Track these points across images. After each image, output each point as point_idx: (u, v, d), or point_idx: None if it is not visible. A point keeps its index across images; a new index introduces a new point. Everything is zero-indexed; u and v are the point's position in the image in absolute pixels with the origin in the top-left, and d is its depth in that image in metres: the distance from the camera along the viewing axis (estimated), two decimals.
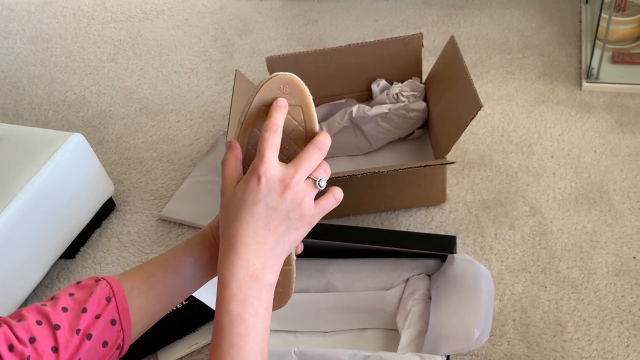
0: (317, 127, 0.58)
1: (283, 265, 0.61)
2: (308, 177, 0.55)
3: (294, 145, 0.57)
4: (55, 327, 0.54)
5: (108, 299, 0.58)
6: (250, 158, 0.55)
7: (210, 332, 1.03)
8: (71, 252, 1.21)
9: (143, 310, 0.60)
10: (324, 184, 0.55)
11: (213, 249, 0.63)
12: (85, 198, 1.20)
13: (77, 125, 1.56)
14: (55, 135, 1.16)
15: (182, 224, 1.24)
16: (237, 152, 0.56)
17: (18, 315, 0.55)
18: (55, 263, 1.19)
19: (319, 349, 0.85)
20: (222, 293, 0.52)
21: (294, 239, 0.55)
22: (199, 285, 0.65)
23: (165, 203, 1.29)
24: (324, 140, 0.56)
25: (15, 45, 1.93)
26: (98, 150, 1.46)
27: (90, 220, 1.23)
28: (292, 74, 0.56)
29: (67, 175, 1.14)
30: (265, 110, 0.55)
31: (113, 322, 0.58)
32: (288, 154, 0.57)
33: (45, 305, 0.56)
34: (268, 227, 0.53)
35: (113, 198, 1.31)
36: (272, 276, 0.54)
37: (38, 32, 1.98)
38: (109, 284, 0.59)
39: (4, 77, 1.79)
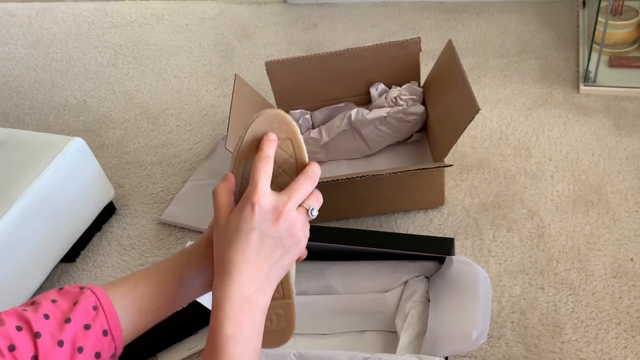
0: (306, 158, 0.61)
1: (283, 299, 0.62)
2: (300, 206, 0.57)
3: (286, 177, 0.60)
4: (36, 335, 0.52)
5: (95, 308, 0.57)
6: (244, 190, 0.57)
7: None
8: (72, 255, 1.22)
9: (126, 321, 0.59)
10: (315, 213, 0.58)
11: (200, 267, 0.63)
12: (85, 202, 1.20)
13: (78, 129, 1.57)
14: (56, 140, 1.17)
15: (182, 228, 1.25)
16: (230, 183, 0.59)
17: None
18: (56, 267, 1.20)
19: (318, 351, 0.85)
20: (216, 315, 0.54)
21: (287, 263, 0.57)
22: (181, 305, 0.64)
23: (165, 207, 1.30)
24: (315, 170, 0.58)
25: (17, 51, 1.94)
26: (98, 154, 1.47)
27: (91, 224, 1.24)
28: (280, 110, 0.60)
29: (67, 179, 1.15)
30: (257, 144, 0.59)
31: (105, 333, 0.57)
32: (280, 185, 0.59)
33: (25, 310, 0.54)
34: (263, 254, 0.55)
35: (113, 202, 1.31)
36: (264, 301, 0.56)
37: (39, 37, 1.99)
38: (94, 293, 0.58)
39: (5, 82, 1.80)
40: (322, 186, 1.06)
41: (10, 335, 0.52)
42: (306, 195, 0.57)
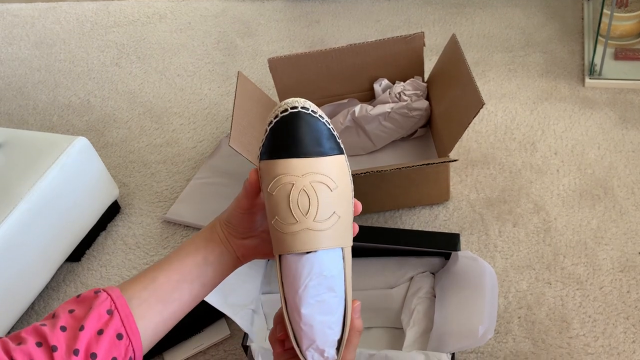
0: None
1: None
2: None
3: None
4: (52, 349, 0.53)
5: (109, 312, 0.56)
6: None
7: (216, 333, 1.04)
8: (77, 255, 1.22)
9: (149, 315, 0.58)
10: None
11: (223, 244, 0.61)
12: (90, 201, 1.21)
13: (82, 129, 1.57)
14: (60, 139, 1.17)
15: (187, 226, 1.25)
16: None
17: (17, 338, 0.54)
18: (61, 266, 1.20)
19: None
20: None
21: None
22: (212, 286, 0.62)
23: (170, 205, 1.30)
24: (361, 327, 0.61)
25: (20, 51, 1.94)
26: (102, 153, 1.47)
27: (96, 223, 1.24)
28: None
29: (72, 178, 1.15)
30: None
31: (119, 337, 0.56)
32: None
33: (44, 325, 0.55)
34: None
35: (118, 201, 1.31)
36: None
37: (42, 37, 1.99)
38: (109, 295, 0.57)
39: (9, 82, 1.80)
40: None
41: (30, 352, 0.53)
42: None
